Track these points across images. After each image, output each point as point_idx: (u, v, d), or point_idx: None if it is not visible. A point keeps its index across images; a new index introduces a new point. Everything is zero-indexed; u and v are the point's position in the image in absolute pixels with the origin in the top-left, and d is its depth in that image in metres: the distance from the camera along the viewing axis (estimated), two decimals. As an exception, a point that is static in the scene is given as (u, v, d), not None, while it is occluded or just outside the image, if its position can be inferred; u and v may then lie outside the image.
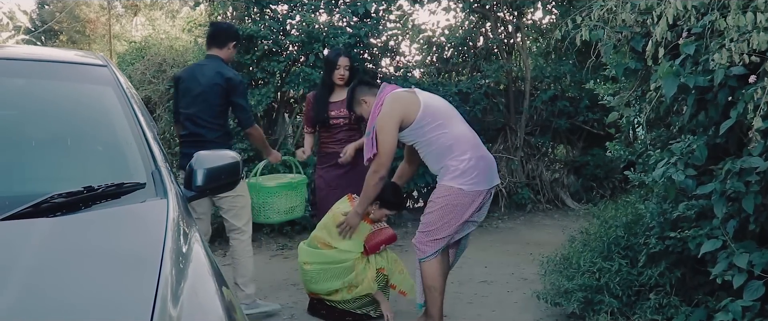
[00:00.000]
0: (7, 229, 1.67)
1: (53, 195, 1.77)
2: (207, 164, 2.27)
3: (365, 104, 3.95)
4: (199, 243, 1.93)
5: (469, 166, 3.62)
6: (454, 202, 3.63)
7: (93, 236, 1.73)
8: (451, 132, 3.68)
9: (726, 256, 2.96)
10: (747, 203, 2.75)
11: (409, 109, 3.67)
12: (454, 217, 3.65)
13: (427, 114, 3.67)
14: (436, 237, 3.69)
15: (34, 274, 1.48)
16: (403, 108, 3.67)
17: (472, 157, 3.64)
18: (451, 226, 3.68)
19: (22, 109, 2.39)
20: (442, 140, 3.66)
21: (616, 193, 7.63)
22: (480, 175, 3.65)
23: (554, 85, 8.11)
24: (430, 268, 3.72)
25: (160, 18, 16.90)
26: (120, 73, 2.76)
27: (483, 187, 3.67)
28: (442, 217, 3.66)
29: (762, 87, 2.47)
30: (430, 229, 3.69)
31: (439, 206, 3.65)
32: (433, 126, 3.67)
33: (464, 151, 3.64)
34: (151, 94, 9.18)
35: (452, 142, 3.66)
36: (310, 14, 6.37)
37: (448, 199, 3.63)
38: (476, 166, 3.64)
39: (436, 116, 3.69)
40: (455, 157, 3.63)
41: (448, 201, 3.63)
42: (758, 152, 2.63)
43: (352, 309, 4.06)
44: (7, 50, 2.84)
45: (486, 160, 3.73)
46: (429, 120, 3.67)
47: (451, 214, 3.65)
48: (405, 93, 3.81)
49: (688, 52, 2.96)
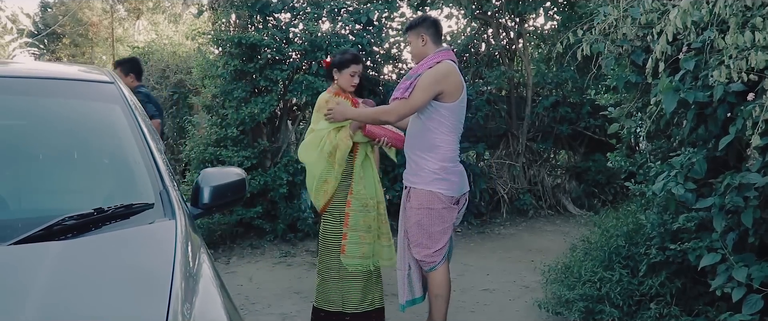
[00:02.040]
0: (21, 252, 1.71)
1: (65, 218, 1.81)
2: (213, 182, 2.30)
3: (421, 41, 3.75)
4: (207, 261, 1.98)
5: (448, 172, 3.66)
6: (439, 206, 3.66)
7: (105, 259, 1.77)
8: (446, 136, 3.67)
9: (725, 269, 3.00)
10: (746, 218, 2.78)
11: (454, 91, 3.63)
12: (445, 221, 3.69)
13: (456, 109, 3.67)
14: (436, 248, 3.71)
15: (50, 296, 1.53)
16: (451, 86, 3.61)
17: (451, 165, 3.69)
18: (445, 234, 3.72)
19: (31, 129, 2.42)
20: (445, 136, 3.66)
21: (618, 199, 7.67)
22: (457, 181, 3.70)
23: (556, 91, 8.15)
24: (439, 276, 3.75)
25: (163, 22, 16.95)
26: (126, 89, 2.79)
27: (458, 193, 3.72)
28: (432, 224, 3.67)
29: (760, 105, 2.50)
30: (427, 243, 3.71)
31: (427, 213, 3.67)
32: (451, 120, 3.67)
33: (445, 158, 3.66)
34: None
35: (444, 144, 3.66)
36: (312, 23, 6.41)
37: (433, 204, 3.65)
38: (454, 172, 3.69)
39: (458, 113, 3.70)
40: (434, 159, 3.65)
41: (433, 206, 3.66)
42: (757, 168, 2.66)
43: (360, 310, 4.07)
44: (14, 67, 2.87)
45: (461, 167, 3.79)
46: (453, 112, 3.67)
47: (440, 219, 3.67)
48: (459, 76, 3.70)
49: (688, 67, 3.00)
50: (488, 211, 7.57)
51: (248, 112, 6.22)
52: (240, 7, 6.41)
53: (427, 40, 3.75)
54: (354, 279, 4.00)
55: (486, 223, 7.37)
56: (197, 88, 8.01)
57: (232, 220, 6.26)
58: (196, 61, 7.57)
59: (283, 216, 6.39)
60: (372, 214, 3.99)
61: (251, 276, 5.40)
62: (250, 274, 5.45)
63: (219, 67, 6.48)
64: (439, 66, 3.62)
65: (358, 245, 3.99)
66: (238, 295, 4.85)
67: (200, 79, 7.28)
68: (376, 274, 4.07)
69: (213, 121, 6.52)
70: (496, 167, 7.90)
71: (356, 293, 4.00)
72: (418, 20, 3.84)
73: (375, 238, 4.02)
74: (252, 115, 6.24)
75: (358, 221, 3.97)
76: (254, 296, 4.86)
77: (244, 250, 6.20)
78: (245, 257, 6.01)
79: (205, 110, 6.81)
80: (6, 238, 1.75)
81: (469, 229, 7.10)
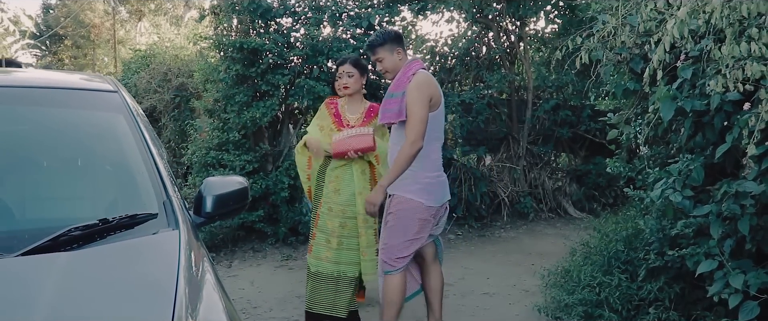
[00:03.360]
0: (29, 263, 1.74)
1: (71, 228, 1.84)
2: (216, 191, 2.33)
3: (398, 55, 3.69)
4: (209, 269, 2.02)
5: (432, 183, 3.61)
6: (417, 216, 3.59)
7: (111, 269, 1.80)
8: (432, 145, 3.61)
9: (722, 276, 3.03)
10: (743, 225, 2.81)
11: (436, 99, 3.57)
12: (419, 231, 3.62)
13: (439, 116, 3.63)
14: (399, 255, 3.64)
15: (57, 307, 1.56)
16: (431, 94, 3.54)
17: (436, 176, 3.64)
18: (414, 244, 3.65)
19: (36, 139, 2.44)
20: (430, 146, 3.59)
21: (619, 202, 7.70)
22: (439, 193, 3.65)
23: (557, 94, 8.18)
24: (394, 281, 3.67)
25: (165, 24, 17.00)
26: (129, 97, 2.82)
27: (439, 203, 3.66)
28: (405, 232, 3.61)
29: (756, 114, 2.53)
30: (392, 247, 3.64)
31: (403, 220, 3.60)
32: (435, 128, 3.61)
33: (432, 169, 3.62)
34: (157, 103, 9.30)
35: (431, 154, 3.61)
36: (314, 27, 6.45)
37: (410, 212, 3.59)
38: (437, 183, 3.64)
39: (436, 123, 3.63)
40: (422, 170, 3.58)
41: (410, 214, 3.59)
42: (753, 177, 2.69)
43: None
44: (18, 76, 2.89)
45: (444, 177, 3.74)
46: (436, 122, 3.61)
47: (414, 228, 3.60)
48: (435, 83, 3.65)
49: (686, 76, 3.03)
50: (489, 214, 7.60)
51: (250, 116, 6.25)
52: (241, 12, 6.44)
53: (402, 53, 3.71)
54: (324, 281, 4.09)
55: (486, 226, 7.40)
56: (199, 92, 8.05)
57: (234, 223, 6.30)
58: (198, 65, 7.61)
59: (284, 219, 6.42)
60: (337, 221, 4.05)
61: (253, 280, 5.44)
62: (252, 278, 5.48)
63: (221, 71, 6.52)
64: (418, 77, 3.56)
65: (324, 247, 4.09)
66: (240, 299, 4.88)
67: (202, 82, 7.32)
68: (345, 283, 4.08)
69: (215, 125, 6.57)
70: (497, 170, 7.93)
71: (325, 295, 4.08)
72: (386, 35, 3.73)
73: (339, 245, 4.06)
74: (253, 119, 6.27)
75: (325, 223, 4.07)
76: (256, 300, 4.89)
77: (246, 254, 6.23)
78: (247, 261, 6.05)
79: (207, 114, 6.85)
80: (13, 249, 1.78)
81: (469, 232, 7.13)
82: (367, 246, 4.08)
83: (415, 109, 3.49)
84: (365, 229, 4.07)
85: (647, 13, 3.05)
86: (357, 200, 4.02)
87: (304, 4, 6.71)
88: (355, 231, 4.07)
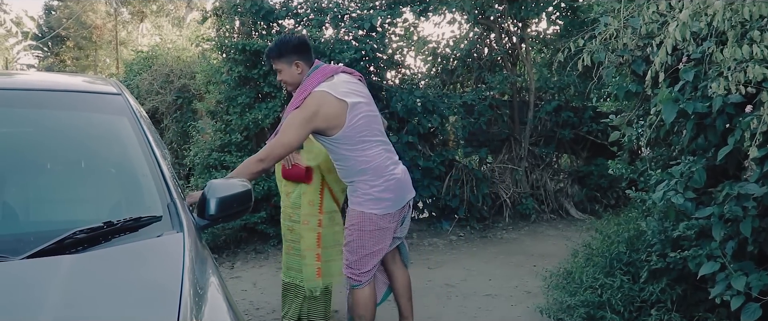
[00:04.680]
0: (35, 266, 1.75)
1: (76, 231, 1.86)
2: (220, 193, 2.34)
3: (297, 69, 3.41)
4: (213, 271, 2.03)
5: (382, 191, 3.40)
6: (371, 228, 3.42)
7: (116, 272, 1.81)
8: (366, 155, 3.38)
9: (724, 277, 3.03)
10: (745, 227, 2.82)
11: (332, 123, 3.30)
12: (377, 243, 3.47)
13: (348, 133, 3.33)
14: (362, 270, 3.50)
15: (63, 309, 1.57)
16: (326, 119, 3.29)
17: (384, 182, 3.40)
18: (376, 256, 3.51)
19: (40, 142, 2.46)
20: (355, 162, 3.38)
21: (621, 203, 7.70)
22: (393, 197, 3.44)
23: (558, 95, 8.19)
24: (363, 295, 3.54)
25: (166, 25, 17.02)
26: (133, 100, 2.83)
27: (396, 208, 3.47)
28: (362, 246, 3.45)
29: (758, 117, 2.54)
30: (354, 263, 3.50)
31: (358, 235, 3.44)
32: (349, 145, 3.37)
33: (378, 176, 3.39)
34: (159, 104, 9.31)
35: (364, 166, 3.39)
36: (316, 29, 6.46)
37: (364, 225, 3.42)
38: (387, 189, 3.41)
39: (356, 135, 3.36)
40: (367, 181, 3.40)
41: (364, 227, 3.42)
42: (755, 179, 2.70)
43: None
44: (21, 79, 2.90)
45: (398, 179, 3.46)
46: (348, 139, 3.35)
47: (371, 240, 3.44)
48: (335, 100, 3.31)
49: (688, 78, 3.04)
50: (491, 215, 7.61)
51: (252, 117, 6.27)
52: (244, 14, 6.46)
53: (300, 66, 3.42)
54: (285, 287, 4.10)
55: (488, 227, 7.41)
56: (201, 94, 8.07)
57: (236, 225, 6.30)
58: (200, 67, 7.63)
59: (286, 221, 6.43)
60: (286, 224, 4.02)
61: (255, 281, 5.45)
62: (254, 280, 5.49)
63: (223, 72, 6.54)
64: (307, 101, 3.29)
65: (285, 254, 4.08)
66: (243, 301, 4.89)
67: (204, 84, 7.34)
68: (294, 290, 4.03)
69: (217, 127, 6.59)
70: (499, 171, 7.94)
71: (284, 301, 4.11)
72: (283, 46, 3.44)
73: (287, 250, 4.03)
74: (256, 120, 6.29)
75: (284, 229, 4.05)
76: (258, 301, 4.90)
77: (248, 255, 6.24)
78: (249, 262, 6.06)
79: (210, 116, 6.87)
80: (19, 252, 1.79)
81: (471, 234, 7.14)
82: (307, 249, 3.93)
83: (285, 132, 3.29)
84: (307, 232, 3.93)
85: (649, 16, 3.06)
86: (302, 201, 3.92)
87: (306, 6, 6.73)
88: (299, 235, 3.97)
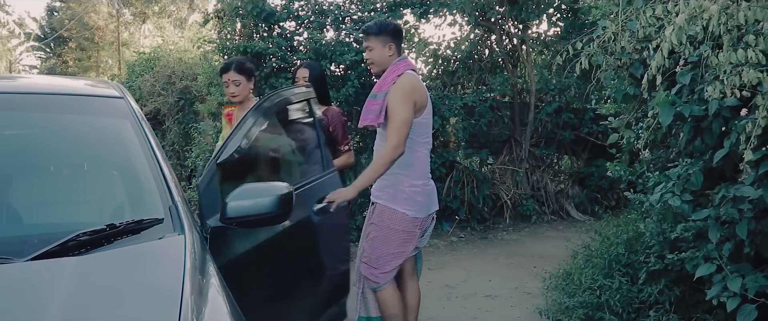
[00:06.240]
0: (38, 268, 1.78)
1: (79, 233, 1.89)
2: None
3: (389, 51, 3.47)
4: (214, 273, 2.06)
5: (417, 192, 3.44)
6: (401, 227, 3.42)
7: (118, 274, 1.84)
8: (420, 151, 3.45)
9: (721, 279, 3.06)
10: (740, 230, 2.85)
11: (418, 105, 3.38)
12: (401, 245, 3.45)
13: (426, 121, 3.46)
14: (383, 271, 3.47)
15: (67, 310, 1.60)
16: (421, 98, 3.38)
17: (423, 185, 3.47)
18: (398, 258, 3.48)
19: (43, 145, 2.49)
20: (409, 153, 3.37)
21: (621, 204, 7.71)
22: (424, 203, 3.47)
23: (559, 97, 8.21)
24: (389, 295, 3.51)
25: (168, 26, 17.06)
26: (135, 103, 2.86)
27: (425, 214, 3.49)
28: (387, 243, 3.44)
29: (753, 120, 2.57)
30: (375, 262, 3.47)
31: (386, 232, 3.43)
32: (423, 134, 3.45)
33: (419, 177, 3.45)
34: (161, 106, 9.35)
35: (414, 162, 3.43)
36: (317, 31, 6.49)
37: (393, 223, 3.42)
38: (423, 192, 3.46)
39: (421, 129, 3.45)
40: (409, 177, 3.41)
41: (393, 225, 3.42)
42: (750, 182, 2.73)
43: None
44: (24, 82, 2.94)
45: (432, 187, 3.57)
46: (424, 128, 3.45)
47: (397, 240, 3.43)
48: (423, 87, 3.47)
49: (684, 81, 3.06)
50: (491, 216, 7.63)
51: (253, 119, 6.29)
52: (245, 16, 6.50)
53: (393, 50, 3.48)
54: None
55: (489, 228, 7.43)
56: (203, 96, 8.10)
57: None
58: (202, 68, 7.67)
59: (287, 222, 6.45)
60: None
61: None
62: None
63: (224, 74, 6.56)
64: (402, 79, 3.37)
65: None
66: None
67: (206, 85, 7.37)
68: None
69: (219, 129, 6.60)
70: (500, 173, 7.96)
71: None
72: (383, 27, 3.50)
73: None
74: (257, 122, 6.31)
75: None
76: (259, 302, 4.92)
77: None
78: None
79: (211, 117, 6.90)
80: (23, 254, 1.82)
81: (472, 235, 7.16)
82: None
83: (398, 111, 3.29)
84: None
85: (646, 19, 3.08)
86: None
87: (308, 8, 6.76)
88: None
